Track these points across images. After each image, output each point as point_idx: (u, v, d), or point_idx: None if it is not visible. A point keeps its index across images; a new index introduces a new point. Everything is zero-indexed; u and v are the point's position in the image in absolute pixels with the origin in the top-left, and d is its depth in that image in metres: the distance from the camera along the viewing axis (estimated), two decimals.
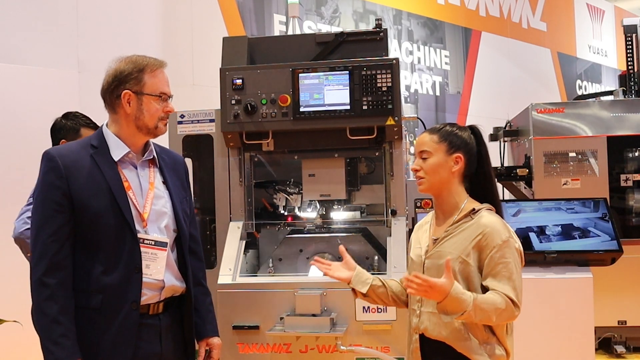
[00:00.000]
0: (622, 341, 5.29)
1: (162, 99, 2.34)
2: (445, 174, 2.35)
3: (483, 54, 9.32)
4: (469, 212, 2.34)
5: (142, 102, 2.31)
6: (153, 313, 2.30)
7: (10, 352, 4.29)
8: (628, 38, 6.30)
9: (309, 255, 3.53)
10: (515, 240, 2.31)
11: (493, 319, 2.20)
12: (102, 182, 2.25)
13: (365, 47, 3.51)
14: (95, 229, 2.23)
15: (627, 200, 5.43)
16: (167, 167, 2.45)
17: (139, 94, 2.31)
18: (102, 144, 2.32)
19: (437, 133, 2.38)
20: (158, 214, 2.34)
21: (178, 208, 2.39)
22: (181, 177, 2.51)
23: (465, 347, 2.25)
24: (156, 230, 2.32)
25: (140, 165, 2.37)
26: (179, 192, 2.44)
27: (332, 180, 3.50)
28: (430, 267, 2.34)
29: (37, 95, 4.71)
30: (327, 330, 3.01)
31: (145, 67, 2.33)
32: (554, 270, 3.72)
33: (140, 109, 2.31)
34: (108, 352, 2.22)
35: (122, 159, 2.33)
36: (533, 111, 5.44)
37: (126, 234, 2.24)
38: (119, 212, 2.23)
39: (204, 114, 3.59)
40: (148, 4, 5.61)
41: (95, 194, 2.23)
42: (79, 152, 2.29)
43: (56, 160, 2.23)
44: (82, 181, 2.23)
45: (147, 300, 2.28)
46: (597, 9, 11.95)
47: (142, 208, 2.30)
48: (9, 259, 4.45)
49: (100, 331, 2.22)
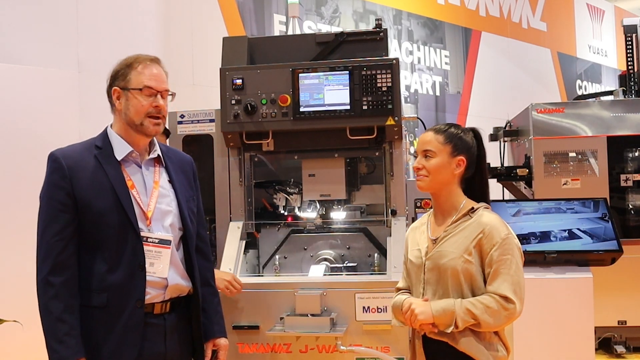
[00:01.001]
0: (622, 341, 5.29)
1: (148, 94, 2.31)
2: (447, 176, 2.37)
3: (483, 54, 9.33)
4: (467, 211, 2.36)
5: (128, 98, 2.32)
6: (158, 313, 2.30)
7: (10, 352, 4.29)
8: (628, 38, 6.31)
9: (313, 254, 3.54)
10: (514, 236, 2.33)
11: (491, 321, 2.22)
12: (106, 182, 2.26)
13: (365, 47, 3.51)
14: (99, 228, 2.24)
15: (627, 200, 5.43)
16: (173, 166, 2.45)
17: (125, 90, 2.32)
18: (106, 144, 2.34)
19: (443, 134, 2.39)
20: (163, 212, 2.34)
21: (184, 207, 2.39)
22: (189, 177, 2.50)
23: (469, 347, 2.26)
24: (160, 229, 2.32)
25: (145, 164, 2.37)
26: (185, 191, 2.44)
27: (332, 180, 3.50)
28: (432, 267, 2.35)
29: (37, 95, 4.71)
30: (327, 330, 3.01)
31: (132, 63, 2.34)
32: (554, 270, 3.72)
33: (127, 105, 2.32)
34: (113, 351, 2.22)
35: (126, 159, 2.33)
36: (533, 111, 5.44)
37: (129, 232, 2.24)
38: (122, 210, 2.24)
39: (204, 114, 3.59)
40: (148, 4, 5.61)
41: (99, 194, 2.24)
42: (83, 153, 2.31)
43: (60, 161, 2.26)
44: (85, 181, 2.24)
45: (151, 299, 2.27)
46: (597, 9, 11.95)
47: (146, 206, 2.30)
48: (9, 259, 4.45)
49: (105, 330, 2.23)
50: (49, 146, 4.51)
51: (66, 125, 4.76)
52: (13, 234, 4.45)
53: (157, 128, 2.34)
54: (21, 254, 4.46)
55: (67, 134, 4.64)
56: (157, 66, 2.36)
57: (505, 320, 2.25)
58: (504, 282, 2.23)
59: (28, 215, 4.51)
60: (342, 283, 3.15)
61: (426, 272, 2.36)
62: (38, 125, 4.64)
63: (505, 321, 2.25)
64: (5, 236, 4.44)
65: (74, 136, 4.58)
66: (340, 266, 3.46)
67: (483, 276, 2.30)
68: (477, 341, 2.26)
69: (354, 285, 3.12)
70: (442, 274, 2.31)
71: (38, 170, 4.96)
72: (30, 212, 4.45)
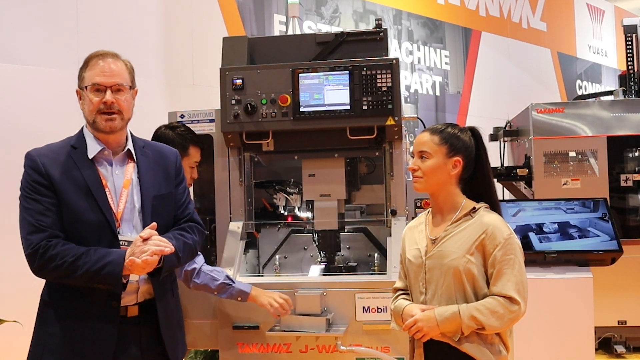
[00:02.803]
0: (622, 341, 5.29)
1: (97, 90, 2.29)
2: (442, 176, 2.36)
3: (483, 54, 9.32)
4: (469, 211, 2.35)
5: (83, 97, 2.33)
6: (132, 315, 2.29)
7: (10, 352, 4.29)
8: (628, 38, 6.31)
9: (312, 254, 3.54)
10: (515, 236, 2.33)
11: (497, 324, 2.21)
12: (81, 181, 2.25)
13: (365, 47, 3.51)
14: (76, 227, 2.23)
15: (627, 200, 5.43)
16: (146, 161, 2.41)
17: (82, 89, 2.33)
18: (81, 143, 2.34)
19: (439, 134, 2.37)
20: (131, 211, 2.32)
21: (147, 202, 2.33)
22: (167, 170, 2.46)
23: (472, 349, 2.26)
24: (131, 229, 2.30)
25: (116, 162, 2.36)
26: (157, 185, 2.39)
27: (332, 180, 3.49)
28: (432, 267, 2.34)
29: (37, 95, 4.71)
30: (327, 330, 3.01)
31: (86, 61, 2.35)
32: (554, 270, 3.72)
33: (82, 104, 2.34)
34: (89, 349, 2.21)
35: (98, 158, 2.33)
36: (533, 111, 5.44)
37: (106, 233, 2.24)
38: (98, 210, 2.24)
39: (204, 114, 3.59)
40: (148, 4, 5.61)
41: (76, 193, 2.24)
42: (58, 152, 2.32)
43: (35, 160, 2.28)
44: (62, 180, 2.25)
45: (123, 302, 2.26)
46: (597, 9, 11.94)
47: (117, 207, 2.29)
48: (9, 259, 4.45)
49: (81, 325, 2.22)
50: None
51: (66, 125, 4.72)
52: (13, 234, 4.43)
53: (111, 124, 2.30)
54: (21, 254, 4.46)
55: (67, 134, 4.63)
56: (107, 60, 2.32)
57: (510, 322, 2.25)
58: (507, 282, 2.23)
59: None
60: (342, 283, 3.15)
61: (427, 272, 2.36)
62: (38, 125, 4.64)
63: (510, 323, 2.25)
64: (5, 236, 4.44)
65: None
66: (341, 266, 3.46)
67: (485, 276, 2.30)
68: (480, 343, 2.26)
69: (354, 285, 3.12)
70: (443, 274, 2.31)
71: None
72: None
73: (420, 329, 2.27)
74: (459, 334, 2.24)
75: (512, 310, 2.22)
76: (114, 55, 2.36)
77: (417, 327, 2.27)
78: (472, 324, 2.21)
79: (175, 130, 3.26)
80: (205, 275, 3.01)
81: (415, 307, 2.33)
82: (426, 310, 2.29)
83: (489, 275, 2.29)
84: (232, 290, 3.02)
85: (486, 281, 2.30)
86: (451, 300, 2.29)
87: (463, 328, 2.22)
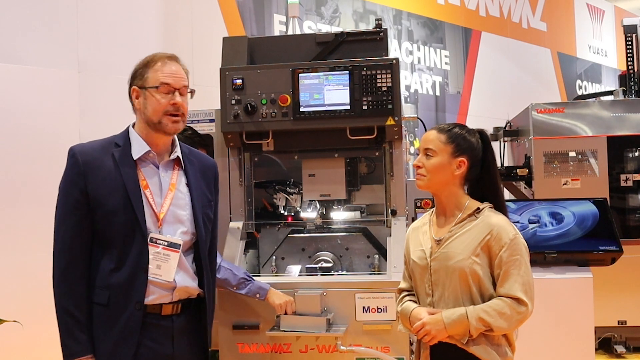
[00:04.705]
0: (622, 341, 5.29)
1: (166, 92, 2.30)
2: (446, 176, 2.35)
3: (483, 54, 9.32)
4: (473, 212, 2.34)
5: (146, 96, 2.32)
6: (167, 314, 2.29)
7: (10, 352, 4.29)
8: (628, 38, 6.31)
9: (310, 254, 3.54)
10: (521, 236, 2.32)
11: (505, 325, 2.21)
12: (119, 180, 2.26)
13: (365, 47, 3.51)
14: (108, 226, 2.24)
15: (627, 200, 5.43)
16: (193, 170, 2.43)
17: (143, 88, 2.32)
18: (125, 142, 2.34)
19: (446, 134, 2.37)
20: (176, 215, 2.33)
21: (198, 212, 2.37)
22: (209, 181, 2.49)
23: (477, 349, 2.25)
24: (171, 232, 2.31)
25: (163, 166, 2.36)
26: (202, 195, 2.42)
27: (332, 180, 3.49)
28: (438, 269, 2.33)
29: (37, 95, 4.71)
30: (327, 330, 3.01)
31: (150, 61, 2.34)
32: (554, 270, 3.72)
33: (145, 104, 2.32)
34: (109, 350, 2.22)
35: (143, 158, 2.33)
36: (533, 111, 5.45)
37: (136, 232, 2.24)
38: (131, 210, 2.24)
39: (204, 114, 3.59)
40: (148, 4, 5.61)
41: (111, 192, 2.24)
42: (101, 150, 2.31)
43: (77, 156, 2.27)
44: (99, 178, 2.25)
45: (157, 300, 2.27)
46: (597, 9, 11.94)
47: (159, 208, 2.29)
48: (9, 259, 4.45)
49: (104, 328, 2.24)
50: (49, 146, 4.55)
51: (66, 125, 4.75)
52: (13, 234, 4.45)
53: (176, 126, 2.33)
54: (21, 254, 4.47)
55: (67, 134, 4.65)
56: (175, 63, 2.35)
57: (518, 323, 2.24)
58: (515, 283, 2.23)
59: (28, 216, 4.53)
60: (342, 283, 3.15)
61: (432, 274, 2.35)
62: (38, 125, 4.64)
63: (518, 324, 2.25)
64: (5, 236, 4.44)
65: (74, 136, 4.58)
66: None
67: (490, 277, 2.29)
68: (487, 345, 2.26)
69: (354, 285, 3.11)
70: (449, 276, 2.30)
71: (38, 170, 4.98)
72: (30, 212, 4.47)
73: (429, 332, 2.26)
74: (467, 337, 2.23)
75: (519, 311, 2.21)
76: (177, 58, 2.40)
77: (425, 331, 2.27)
78: (480, 325, 2.20)
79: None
80: (226, 270, 3.02)
81: (423, 311, 2.33)
82: (433, 314, 2.29)
83: (495, 276, 2.28)
84: (252, 286, 3.03)
85: (492, 282, 2.29)
86: (458, 301, 2.28)
87: (471, 330, 2.21)
